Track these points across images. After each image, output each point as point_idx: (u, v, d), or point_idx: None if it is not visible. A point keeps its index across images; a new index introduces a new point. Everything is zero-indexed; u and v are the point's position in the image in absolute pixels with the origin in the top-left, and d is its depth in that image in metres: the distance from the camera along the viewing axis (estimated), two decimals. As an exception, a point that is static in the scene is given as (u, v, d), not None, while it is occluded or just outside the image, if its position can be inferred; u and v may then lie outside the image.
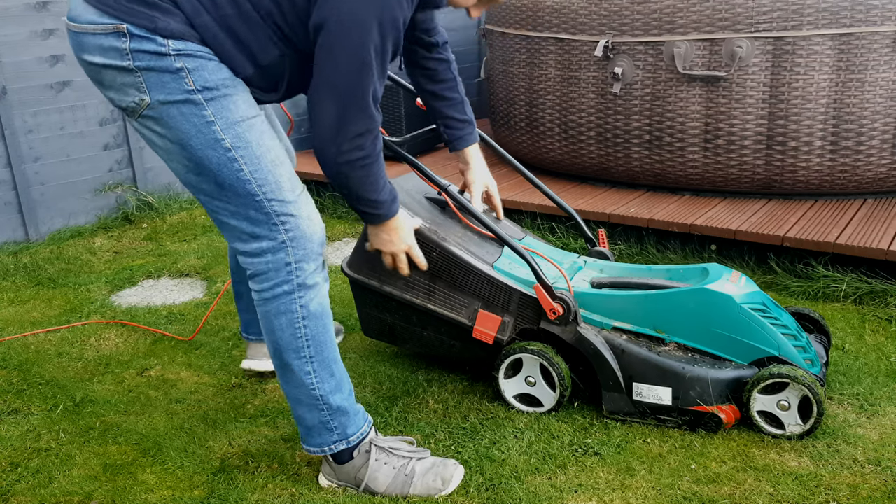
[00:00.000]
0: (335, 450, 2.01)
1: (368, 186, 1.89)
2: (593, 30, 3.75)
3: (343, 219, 4.38)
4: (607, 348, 2.26)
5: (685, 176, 3.75)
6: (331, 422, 1.98)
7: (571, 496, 2.00)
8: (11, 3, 3.94)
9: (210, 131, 1.77)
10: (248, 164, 1.80)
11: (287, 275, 1.87)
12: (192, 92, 1.74)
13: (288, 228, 1.85)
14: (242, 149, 1.79)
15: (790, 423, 2.18)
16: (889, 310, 2.94)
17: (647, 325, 2.29)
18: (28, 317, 3.22)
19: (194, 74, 1.74)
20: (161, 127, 1.79)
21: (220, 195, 1.83)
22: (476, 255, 2.38)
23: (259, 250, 1.86)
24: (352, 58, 1.72)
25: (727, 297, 2.20)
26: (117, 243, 4.13)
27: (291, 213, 1.85)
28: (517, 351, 2.33)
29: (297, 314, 1.89)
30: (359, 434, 2.02)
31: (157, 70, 1.73)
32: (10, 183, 4.04)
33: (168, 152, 1.83)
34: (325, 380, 1.95)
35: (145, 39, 1.71)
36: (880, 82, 3.39)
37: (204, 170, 1.81)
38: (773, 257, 3.30)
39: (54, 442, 2.31)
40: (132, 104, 1.78)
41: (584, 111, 3.90)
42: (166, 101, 1.75)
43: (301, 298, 1.89)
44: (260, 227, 1.84)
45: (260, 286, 1.90)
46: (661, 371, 2.21)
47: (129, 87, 1.76)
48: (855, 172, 3.53)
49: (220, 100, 1.77)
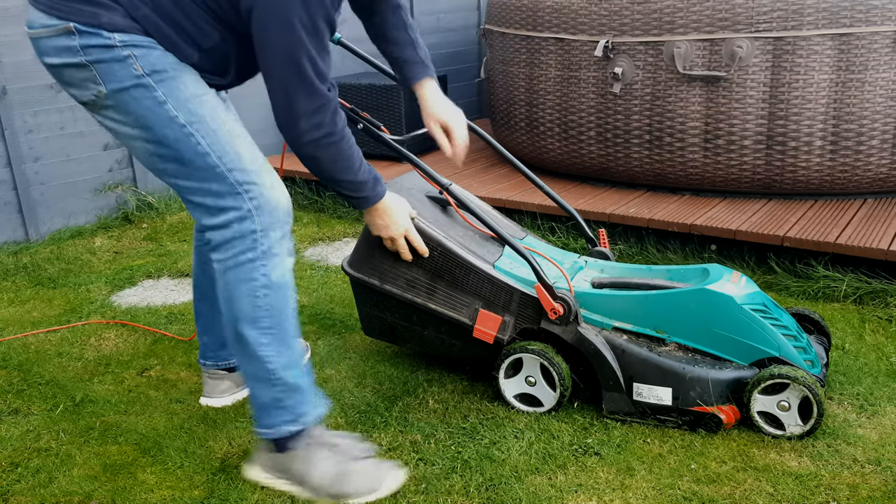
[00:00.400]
0: (288, 431, 1.97)
1: (341, 167, 1.94)
2: (593, 30, 3.75)
3: (343, 219, 4.39)
4: (608, 348, 2.26)
5: (685, 176, 3.75)
6: (284, 399, 1.95)
7: (571, 496, 2.00)
8: (11, 3, 3.94)
9: (163, 111, 1.83)
10: (204, 137, 1.86)
11: (252, 242, 1.88)
12: (141, 76, 1.82)
13: (252, 197, 1.87)
14: (197, 123, 1.85)
15: (790, 423, 2.18)
16: (889, 310, 2.94)
17: (648, 325, 2.29)
18: (28, 317, 3.22)
19: (141, 60, 1.81)
20: (120, 115, 1.86)
21: (183, 172, 1.88)
22: (477, 254, 2.38)
23: (226, 221, 1.88)
24: (282, 37, 1.78)
25: (728, 298, 2.20)
26: (117, 243, 4.14)
27: (254, 181, 1.88)
28: (518, 350, 2.33)
29: (258, 282, 1.89)
30: (313, 416, 1.99)
31: (106, 61, 1.81)
32: (10, 183, 4.04)
33: (130, 139, 1.90)
34: (282, 352, 1.93)
35: (92, 35, 1.79)
36: (880, 82, 3.39)
37: (164, 149, 1.87)
38: (773, 257, 3.30)
39: (54, 442, 2.31)
40: (92, 98, 1.86)
41: (584, 111, 3.90)
42: (119, 89, 1.83)
43: (264, 266, 1.89)
44: (225, 198, 1.87)
45: (224, 255, 1.90)
46: (662, 371, 2.21)
47: (87, 82, 1.84)
48: (855, 172, 3.53)
49: (168, 81, 1.83)
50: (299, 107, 1.83)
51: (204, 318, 2.43)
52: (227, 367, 2.47)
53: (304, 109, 1.83)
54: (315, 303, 3.25)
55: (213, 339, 2.43)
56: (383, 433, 2.28)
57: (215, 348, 2.44)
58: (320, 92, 1.83)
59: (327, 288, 3.41)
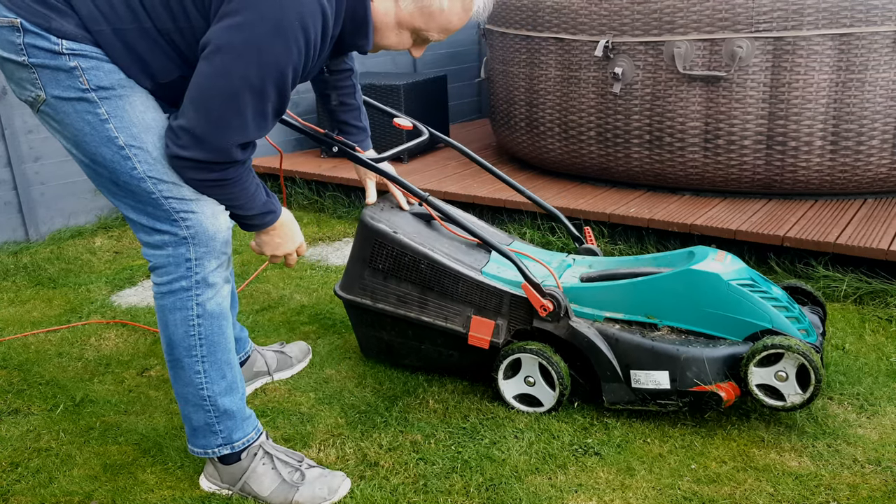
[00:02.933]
0: (218, 453, 2.00)
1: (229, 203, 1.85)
2: (593, 30, 3.75)
3: (343, 219, 4.39)
4: (601, 339, 2.27)
5: (685, 176, 3.75)
6: (216, 424, 1.97)
7: (571, 496, 2.00)
8: (11, 3, 3.94)
9: (103, 129, 1.76)
10: (142, 163, 1.78)
11: (186, 270, 1.85)
12: (87, 91, 1.73)
13: (189, 225, 1.82)
14: (136, 148, 1.77)
15: (790, 393, 2.17)
16: (889, 310, 2.94)
17: (638, 312, 2.29)
18: (28, 317, 3.22)
19: (88, 74, 1.73)
20: (57, 123, 1.80)
21: (118, 191, 1.83)
22: (464, 262, 2.40)
23: (161, 242, 1.85)
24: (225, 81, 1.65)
25: (714, 276, 2.20)
26: (117, 243, 4.13)
27: (192, 209, 1.82)
28: (516, 351, 2.33)
29: (192, 311, 1.88)
30: (244, 440, 2.01)
31: (50, 68, 1.72)
32: (10, 183, 4.04)
33: (66, 147, 1.84)
34: (216, 381, 1.94)
35: (38, 36, 1.70)
36: (880, 82, 3.39)
37: (99, 167, 1.81)
38: (773, 257, 3.30)
39: (54, 442, 2.31)
40: (30, 98, 1.78)
41: (584, 111, 3.90)
42: (60, 98, 1.75)
43: (199, 297, 1.87)
44: (161, 222, 1.83)
45: (159, 279, 1.88)
46: (656, 355, 2.21)
47: (26, 82, 1.76)
48: (855, 172, 3.53)
49: (114, 100, 1.76)
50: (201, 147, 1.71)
51: None
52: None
53: (203, 156, 1.72)
54: (315, 303, 3.25)
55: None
56: (383, 433, 2.28)
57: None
58: (227, 150, 1.72)
59: (327, 288, 3.41)
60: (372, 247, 2.44)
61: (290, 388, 2.58)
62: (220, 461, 2.03)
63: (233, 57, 1.64)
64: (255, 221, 1.92)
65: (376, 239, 2.43)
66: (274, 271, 3.64)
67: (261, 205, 1.88)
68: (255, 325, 3.05)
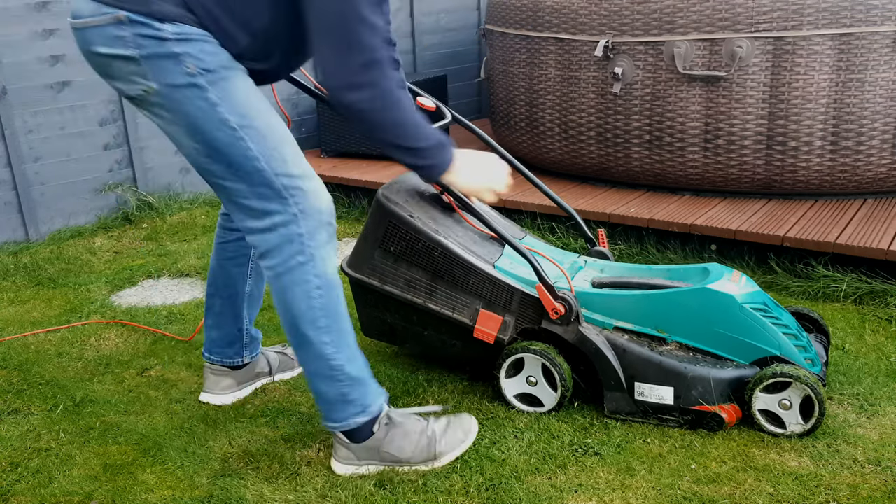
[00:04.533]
0: (356, 423, 2.03)
1: (395, 132, 1.88)
2: (593, 30, 3.75)
3: (343, 219, 4.38)
4: (609, 348, 2.26)
5: (685, 176, 3.75)
6: (350, 393, 2.01)
7: (571, 496, 2.00)
8: (11, 3, 3.94)
9: (215, 113, 1.81)
10: (254, 142, 1.84)
11: (300, 245, 1.90)
12: (194, 76, 1.78)
13: (298, 201, 1.88)
14: (248, 128, 1.83)
15: (791, 422, 2.18)
16: (889, 310, 2.94)
17: (649, 324, 2.29)
18: (28, 317, 3.22)
19: (194, 58, 1.77)
20: (169, 113, 1.83)
21: (231, 175, 1.87)
22: (477, 254, 2.37)
23: (272, 225, 1.89)
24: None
25: (729, 297, 2.20)
26: (117, 243, 4.14)
27: (300, 186, 1.89)
28: (519, 350, 2.33)
29: (311, 284, 1.92)
30: (378, 405, 2.06)
31: (158, 56, 1.76)
32: (10, 183, 4.04)
33: (178, 137, 1.87)
34: (342, 349, 1.99)
35: (143, 25, 1.74)
36: (880, 82, 3.39)
37: (214, 151, 1.85)
38: (773, 257, 3.30)
39: (54, 442, 2.31)
40: (140, 93, 1.82)
41: (584, 111, 3.90)
42: (171, 86, 1.79)
43: (315, 268, 1.92)
44: (271, 202, 1.88)
45: (273, 261, 1.92)
46: (663, 371, 2.21)
47: (135, 76, 1.80)
48: (855, 172, 3.53)
49: (220, 82, 1.80)
50: (345, 61, 1.76)
51: (215, 313, 2.44)
52: (231, 364, 2.47)
53: (351, 63, 1.76)
54: (315, 303, 3.25)
55: (223, 335, 2.44)
56: (383, 433, 2.29)
57: (223, 345, 2.45)
58: (370, 46, 1.76)
59: (327, 288, 3.40)
60: (385, 228, 2.38)
61: (290, 388, 2.58)
62: (351, 440, 2.06)
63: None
64: (435, 159, 1.97)
65: (391, 221, 2.37)
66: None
67: (427, 138, 1.91)
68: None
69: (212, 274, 2.43)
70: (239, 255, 2.37)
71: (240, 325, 2.44)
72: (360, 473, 2.09)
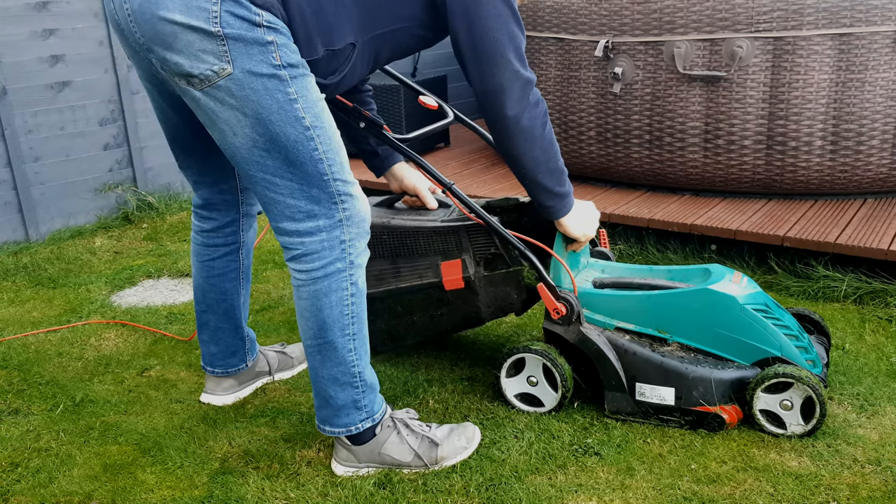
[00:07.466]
0: (361, 428, 2.04)
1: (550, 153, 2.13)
2: (593, 30, 3.75)
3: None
4: (610, 348, 2.26)
5: (685, 176, 3.75)
6: (362, 399, 2.02)
7: (571, 496, 2.00)
8: (11, 3, 3.94)
9: (292, 108, 1.76)
10: (322, 143, 1.82)
11: (341, 252, 1.90)
12: (279, 67, 1.72)
13: (346, 207, 1.89)
14: (319, 128, 1.81)
15: (792, 423, 2.18)
16: (889, 310, 2.94)
17: (650, 325, 2.29)
18: (28, 317, 3.22)
19: (281, 50, 1.72)
20: (236, 100, 1.73)
21: (286, 172, 1.82)
22: (418, 219, 2.41)
23: (315, 228, 1.87)
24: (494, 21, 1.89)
25: (730, 298, 2.20)
26: (117, 243, 4.14)
27: (351, 192, 1.89)
28: (520, 350, 2.33)
29: (347, 291, 1.93)
30: (382, 410, 2.07)
31: (246, 40, 1.68)
32: (10, 183, 4.04)
33: (235, 125, 1.77)
34: (363, 356, 2.00)
35: (239, 4, 1.66)
36: (880, 82, 3.39)
37: (276, 146, 1.78)
38: (773, 257, 3.30)
39: (54, 442, 2.31)
40: (207, 72, 1.70)
41: (584, 111, 3.90)
42: (252, 73, 1.71)
43: (352, 276, 1.93)
44: (320, 205, 1.86)
45: (310, 265, 1.90)
46: (664, 371, 2.21)
47: (208, 54, 1.68)
48: (855, 172, 3.53)
49: (300, 78, 1.77)
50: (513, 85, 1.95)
51: (212, 329, 2.41)
52: (235, 372, 2.47)
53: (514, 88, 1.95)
54: (315, 303, 3.25)
55: (224, 349, 2.43)
56: (383, 433, 2.29)
57: (225, 356, 2.44)
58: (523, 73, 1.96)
59: (327, 288, 3.40)
60: None
61: (290, 387, 2.58)
62: (353, 443, 2.06)
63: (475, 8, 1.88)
64: (565, 199, 2.28)
65: None
66: (273, 271, 3.64)
67: (569, 184, 2.25)
68: (255, 325, 3.05)
69: (200, 291, 2.37)
70: (229, 271, 2.34)
71: (241, 334, 2.44)
72: (360, 475, 2.09)
